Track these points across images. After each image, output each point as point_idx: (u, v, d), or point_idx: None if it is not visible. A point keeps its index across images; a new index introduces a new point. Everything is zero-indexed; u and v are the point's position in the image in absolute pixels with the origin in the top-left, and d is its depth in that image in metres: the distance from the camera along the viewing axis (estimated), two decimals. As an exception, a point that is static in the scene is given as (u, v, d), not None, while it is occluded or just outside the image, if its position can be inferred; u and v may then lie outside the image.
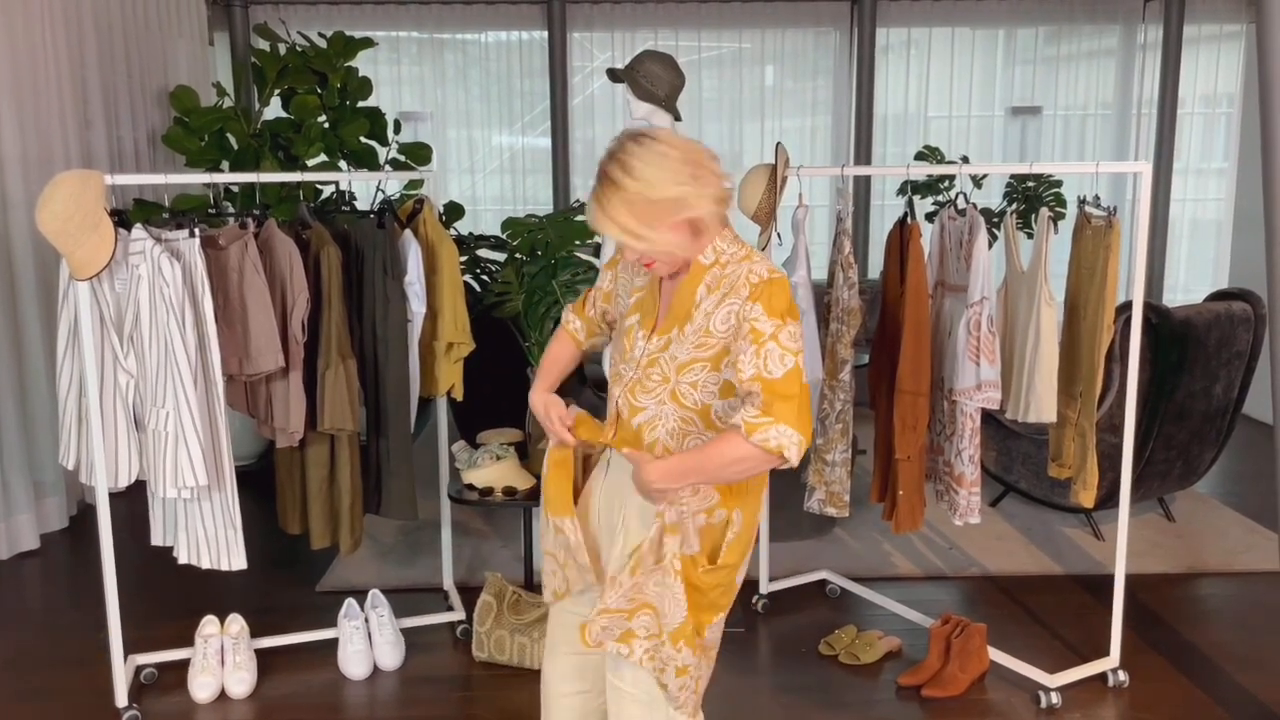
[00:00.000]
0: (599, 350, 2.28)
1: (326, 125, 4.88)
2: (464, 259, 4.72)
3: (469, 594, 3.62)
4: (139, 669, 3.14)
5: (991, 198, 6.59)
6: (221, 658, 3.12)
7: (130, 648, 3.12)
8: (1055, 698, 2.95)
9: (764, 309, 1.79)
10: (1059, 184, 6.10)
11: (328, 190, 4.88)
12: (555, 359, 2.17)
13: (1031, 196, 6.08)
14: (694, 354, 1.85)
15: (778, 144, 3.23)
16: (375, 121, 5.00)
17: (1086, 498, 3.01)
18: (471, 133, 6.98)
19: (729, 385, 1.84)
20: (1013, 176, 6.24)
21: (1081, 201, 3.03)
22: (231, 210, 4.22)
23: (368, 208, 3.31)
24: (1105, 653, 3.14)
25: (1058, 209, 5.93)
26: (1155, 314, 3.73)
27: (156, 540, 3.06)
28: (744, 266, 1.85)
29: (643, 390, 1.89)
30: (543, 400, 2.02)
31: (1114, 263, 2.87)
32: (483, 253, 4.92)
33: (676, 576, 1.85)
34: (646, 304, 1.96)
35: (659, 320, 1.93)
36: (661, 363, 1.87)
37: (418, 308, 3.20)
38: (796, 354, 1.78)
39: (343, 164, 4.89)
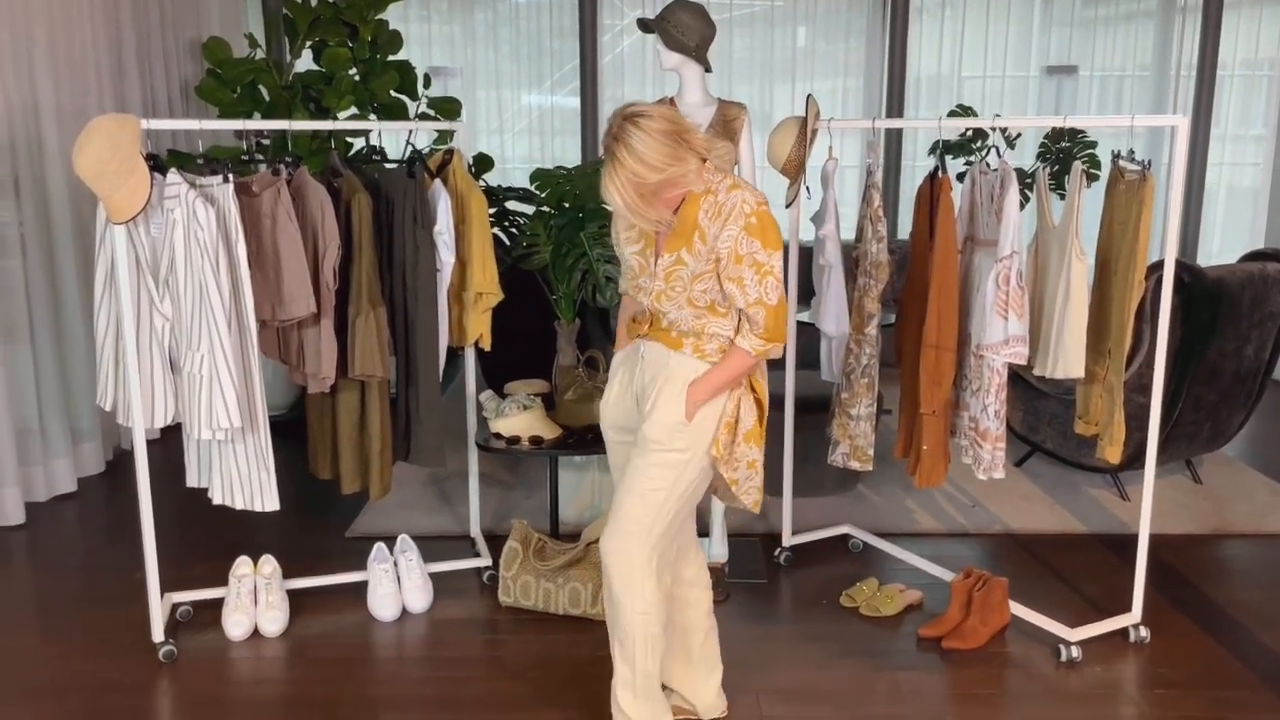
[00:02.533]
0: None
1: (357, 78, 4.89)
2: (492, 211, 4.73)
3: (495, 542, 3.68)
4: (175, 606, 3.22)
5: (1025, 159, 6.51)
6: (255, 597, 3.20)
7: (166, 587, 3.20)
8: (1075, 651, 2.97)
9: (762, 243, 2.23)
10: (1093, 145, 6.01)
11: (358, 145, 4.90)
12: (622, 323, 2.55)
13: (1065, 158, 6.00)
14: (703, 267, 2.26)
15: (808, 96, 3.21)
16: (405, 76, 5.01)
17: (1113, 453, 3.00)
18: (501, 93, 6.97)
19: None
20: (1046, 137, 6.16)
21: (1115, 156, 3.00)
22: (264, 161, 4.25)
23: (398, 160, 3.33)
24: (1127, 609, 3.15)
25: (1091, 171, 5.86)
26: (1188, 273, 3.69)
27: (191, 482, 3.12)
28: (736, 196, 2.23)
29: (667, 299, 2.31)
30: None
31: (1147, 217, 2.84)
32: (511, 205, 4.93)
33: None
34: (646, 232, 2.32)
35: (661, 241, 2.30)
36: (679, 276, 2.27)
37: (447, 257, 3.22)
38: (781, 280, 2.29)
39: (373, 117, 4.90)
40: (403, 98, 5.05)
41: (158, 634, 3.02)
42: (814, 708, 2.75)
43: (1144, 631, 3.08)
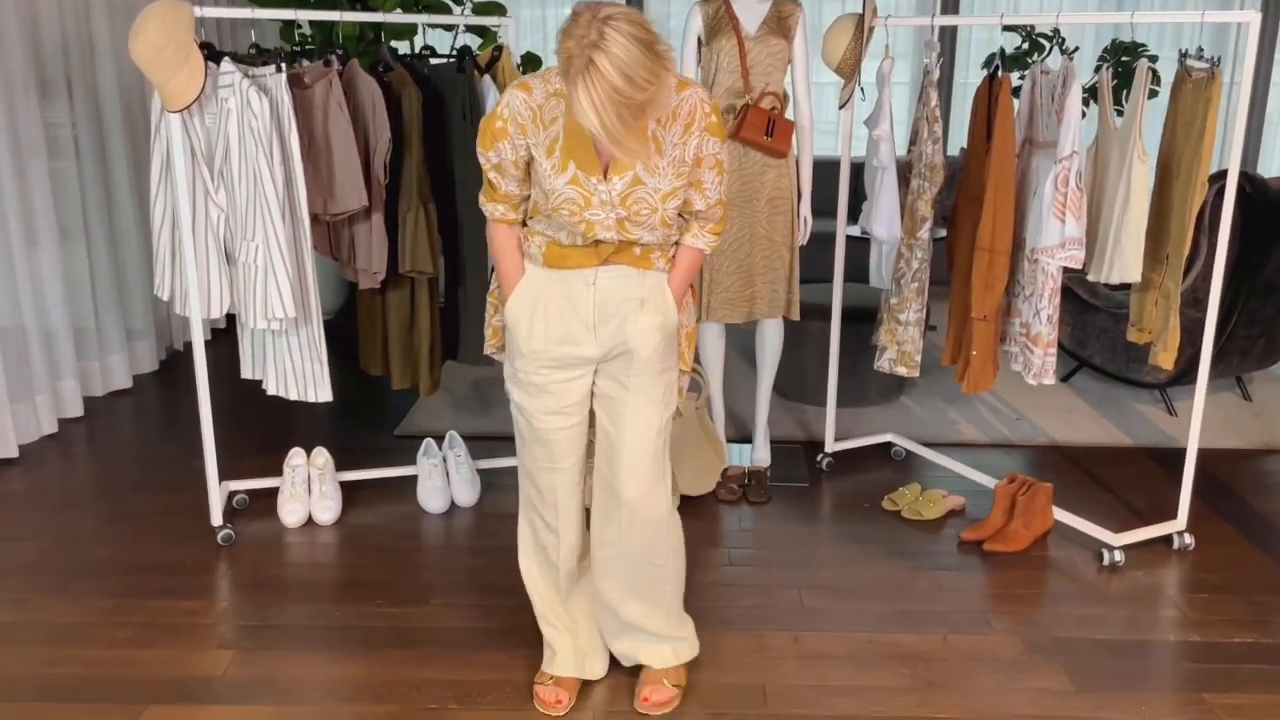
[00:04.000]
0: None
1: (403, -20, 4.84)
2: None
3: (540, 442, 3.73)
4: (231, 495, 3.31)
5: (1083, 74, 6.34)
6: (308, 487, 3.28)
7: (222, 476, 3.28)
8: (1118, 556, 2.98)
9: (719, 143, 2.06)
10: (1155, 59, 5.85)
11: (404, 50, 4.86)
12: (509, 253, 2.17)
13: (1125, 71, 5.84)
14: (674, 183, 2.04)
15: (866, -8, 3.14)
16: (451, -22, 4.95)
17: (1166, 359, 2.97)
18: (545, 10, 6.88)
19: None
20: (1105, 50, 5.99)
21: (1183, 55, 2.91)
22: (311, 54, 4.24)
23: (447, 55, 3.31)
24: (1172, 518, 3.14)
25: (1151, 87, 5.70)
26: (1249, 183, 3.60)
27: (246, 373, 3.19)
28: (689, 95, 2.02)
29: (635, 225, 2.05)
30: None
31: (1213, 116, 2.77)
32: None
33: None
34: (578, 150, 1.98)
35: (606, 159, 1.99)
36: (645, 197, 2.02)
37: (496, 155, 3.21)
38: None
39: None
40: (448, 2, 4.99)
41: (216, 519, 3.11)
42: (855, 601, 2.79)
43: (1188, 539, 3.08)
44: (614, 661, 2.47)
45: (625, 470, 2.19)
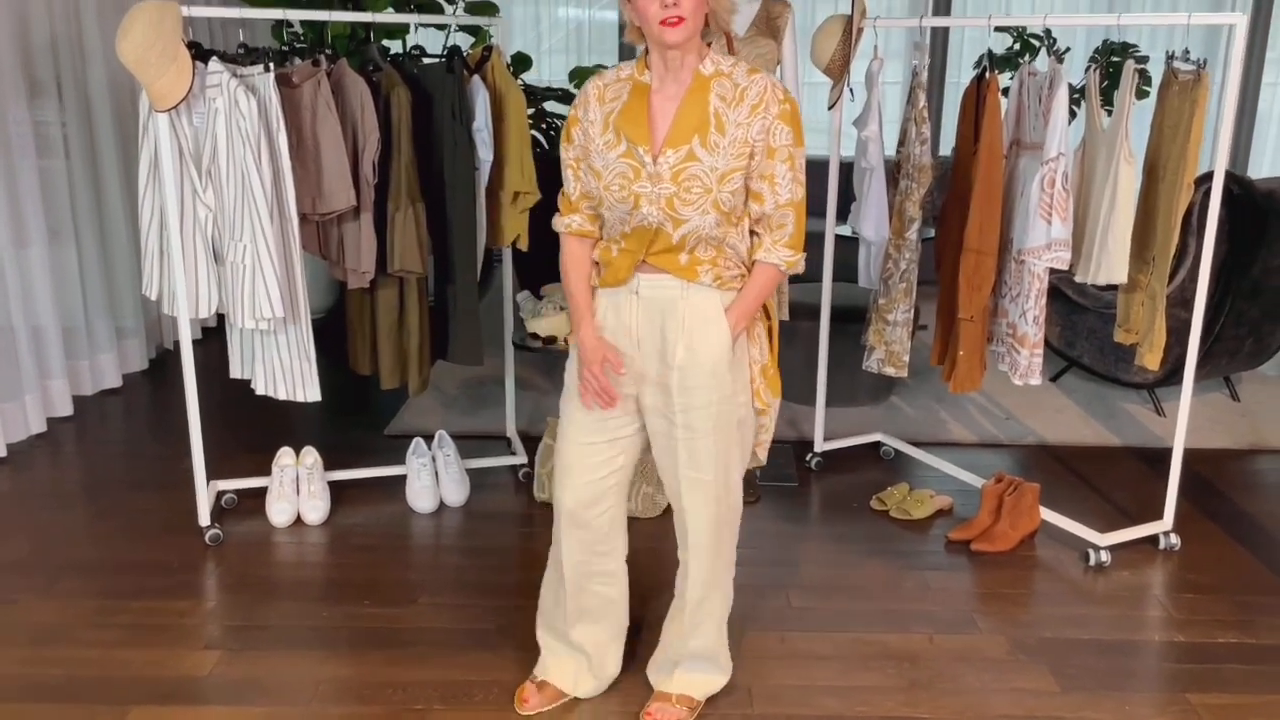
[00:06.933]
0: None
1: (395, -21, 4.83)
2: (530, 112, 4.70)
3: (530, 442, 3.74)
4: (220, 494, 3.31)
5: (1073, 75, 6.36)
6: (297, 487, 3.28)
7: (211, 475, 3.28)
8: (1104, 556, 2.99)
9: (794, 135, 1.97)
10: (1145, 59, 5.87)
11: (396, 49, 4.86)
12: (582, 276, 2.13)
13: (1115, 72, 5.85)
14: (733, 164, 1.95)
15: (855, -8, 3.14)
16: (443, -22, 4.94)
17: (1152, 359, 2.98)
18: (538, 7, 6.88)
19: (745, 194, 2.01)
20: (1096, 52, 6.01)
21: (1169, 56, 2.92)
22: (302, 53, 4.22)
23: (437, 55, 3.31)
24: (1159, 518, 3.15)
25: (1142, 87, 5.72)
26: (1237, 184, 3.62)
27: (235, 373, 3.18)
28: (759, 80, 1.96)
29: (683, 203, 1.95)
30: (599, 349, 2.09)
31: (1199, 118, 2.78)
32: (550, 106, 4.90)
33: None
34: (629, 125, 1.97)
35: (662, 134, 1.96)
36: (699, 175, 1.94)
37: (485, 154, 3.21)
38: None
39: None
40: (441, 1, 4.99)
41: (204, 518, 3.11)
42: (842, 602, 2.80)
43: (1174, 539, 3.09)
44: (611, 686, 2.44)
45: (693, 558, 2.21)
